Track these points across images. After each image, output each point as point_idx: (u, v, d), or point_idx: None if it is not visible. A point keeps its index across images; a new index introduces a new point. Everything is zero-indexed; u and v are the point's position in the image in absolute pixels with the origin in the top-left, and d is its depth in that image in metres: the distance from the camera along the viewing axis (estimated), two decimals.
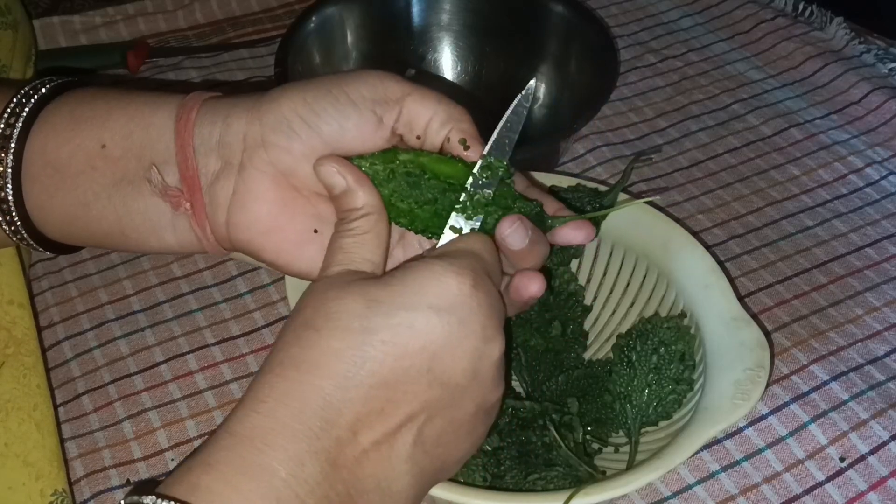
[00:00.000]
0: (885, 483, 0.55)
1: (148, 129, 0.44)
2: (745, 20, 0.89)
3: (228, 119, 0.43)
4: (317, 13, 0.74)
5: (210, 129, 0.43)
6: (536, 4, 0.76)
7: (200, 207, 0.44)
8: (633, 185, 0.72)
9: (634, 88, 0.82)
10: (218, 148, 0.43)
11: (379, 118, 0.43)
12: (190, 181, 0.43)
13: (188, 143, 0.43)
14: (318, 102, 0.42)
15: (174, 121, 0.43)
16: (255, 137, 0.42)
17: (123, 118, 0.44)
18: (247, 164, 0.43)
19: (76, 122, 0.44)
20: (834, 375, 0.59)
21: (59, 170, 0.44)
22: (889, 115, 0.78)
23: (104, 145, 0.44)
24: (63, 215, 0.45)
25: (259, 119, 0.42)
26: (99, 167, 0.44)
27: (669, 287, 0.56)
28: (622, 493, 0.45)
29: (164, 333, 0.63)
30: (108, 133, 0.44)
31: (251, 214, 0.43)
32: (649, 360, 0.52)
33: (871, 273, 0.67)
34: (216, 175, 0.43)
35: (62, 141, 0.44)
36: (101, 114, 0.44)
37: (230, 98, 0.44)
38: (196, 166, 0.43)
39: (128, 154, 0.44)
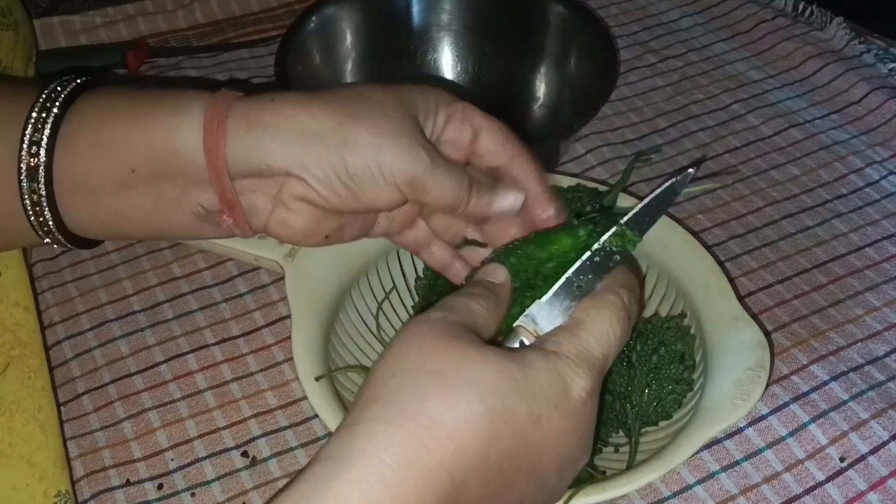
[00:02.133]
0: (885, 483, 0.55)
1: (176, 155, 0.44)
2: (745, 20, 0.89)
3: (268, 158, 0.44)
4: (317, 13, 0.74)
5: (244, 163, 0.44)
6: (536, 4, 0.76)
7: (241, 218, 0.46)
8: (634, 185, 0.72)
9: (634, 88, 0.82)
10: (256, 173, 0.44)
11: (404, 197, 0.45)
12: (229, 203, 0.45)
13: (222, 173, 0.44)
14: (359, 176, 0.44)
15: (202, 142, 0.43)
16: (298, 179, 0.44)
17: (145, 142, 0.44)
18: (285, 192, 0.45)
19: (98, 147, 0.44)
20: (834, 375, 0.59)
21: (92, 192, 0.45)
22: (889, 115, 0.78)
23: (133, 170, 0.44)
24: (105, 226, 0.47)
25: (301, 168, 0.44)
26: (133, 187, 0.45)
27: (669, 287, 0.56)
28: (622, 493, 0.45)
29: (164, 333, 0.63)
30: (133, 157, 0.44)
31: (290, 231, 0.47)
32: (649, 360, 0.52)
33: (871, 273, 0.67)
34: (254, 189, 0.45)
35: (89, 167, 0.45)
36: (121, 136, 0.44)
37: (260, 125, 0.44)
38: (234, 191, 0.45)
39: (160, 175, 0.44)
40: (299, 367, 0.50)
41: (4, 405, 0.53)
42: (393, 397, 0.36)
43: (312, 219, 0.46)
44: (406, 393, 0.36)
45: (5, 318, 0.56)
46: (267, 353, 0.62)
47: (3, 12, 0.70)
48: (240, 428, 0.58)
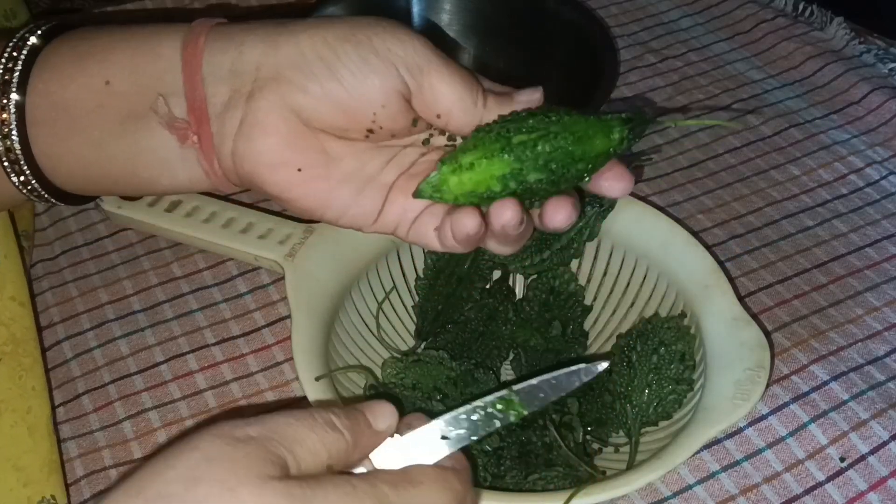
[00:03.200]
0: (885, 483, 0.55)
1: (155, 61, 0.41)
2: (745, 20, 0.89)
3: (242, 47, 0.41)
4: (317, 13, 0.74)
5: (221, 56, 0.41)
6: (536, 4, 0.76)
7: (208, 140, 0.42)
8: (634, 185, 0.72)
9: (634, 88, 0.82)
10: (229, 77, 0.41)
11: (403, 82, 0.40)
12: (198, 112, 0.41)
13: (196, 71, 0.41)
14: (342, 46, 0.40)
15: (181, 49, 0.41)
16: (270, 70, 0.40)
17: (128, 51, 0.42)
18: (256, 95, 0.41)
19: (79, 58, 0.42)
20: (834, 375, 0.59)
21: (66, 111, 0.42)
22: (889, 115, 0.78)
23: (108, 81, 0.42)
24: (74, 159, 0.44)
25: (275, 51, 0.40)
26: (106, 104, 0.42)
27: (669, 287, 0.56)
28: (622, 493, 0.45)
29: (164, 333, 0.63)
30: (112, 68, 0.42)
31: (257, 146, 0.41)
32: (649, 360, 0.52)
33: (872, 273, 0.67)
34: (225, 105, 0.41)
35: (66, 80, 0.42)
36: (103, 48, 0.42)
37: (242, 25, 0.42)
38: (204, 96, 0.41)
39: (134, 88, 0.42)
40: (299, 367, 0.50)
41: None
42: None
43: (283, 134, 0.41)
44: None
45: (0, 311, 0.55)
46: (267, 353, 0.62)
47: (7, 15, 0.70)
48: None
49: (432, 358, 0.54)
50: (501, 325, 0.57)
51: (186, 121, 0.42)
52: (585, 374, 0.40)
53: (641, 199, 0.61)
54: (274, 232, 0.59)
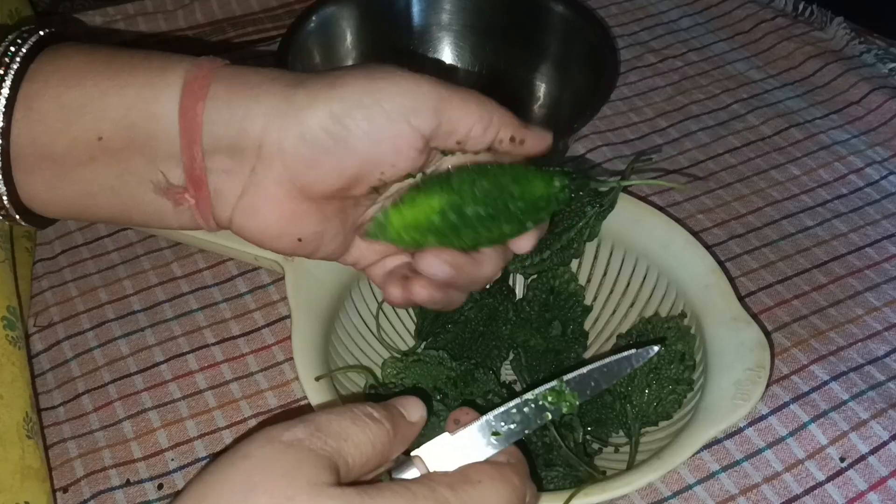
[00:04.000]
0: (885, 483, 0.55)
1: (154, 121, 0.39)
2: (745, 20, 0.89)
3: (245, 122, 0.39)
4: (317, 13, 0.74)
5: (222, 128, 0.39)
6: (536, 4, 0.76)
7: (205, 203, 0.41)
8: (634, 185, 0.72)
9: (634, 88, 0.82)
10: (229, 149, 0.40)
11: (415, 129, 0.40)
12: (196, 180, 0.40)
13: (196, 143, 0.39)
14: (350, 116, 0.39)
15: (178, 113, 0.39)
16: (273, 148, 0.39)
17: (122, 106, 0.39)
18: (260, 172, 0.40)
19: (66, 110, 0.39)
20: (834, 375, 0.59)
21: (56, 162, 0.40)
22: (889, 115, 0.78)
23: (101, 138, 0.40)
24: (66, 204, 0.42)
25: (283, 130, 0.39)
26: (100, 159, 0.40)
27: (669, 287, 0.56)
28: (622, 493, 0.45)
29: (164, 333, 0.63)
30: (104, 123, 0.39)
31: (259, 223, 0.41)
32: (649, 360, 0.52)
33: (872, 273, 0.67)
34: (225, 171, 0.40)
35: (54, 133, 0.40)
36: (94, 99, 0.39)
37: (243, 85, 0.40)
38: (204, 166, 0.40)
39: (130, 147, 0.40)
40: (299, 367, 0.50)
41: None
42: None
43: (287, 211, 0.41)
44: None
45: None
46: (267, 353, 0.62)
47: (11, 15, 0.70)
48: (240, 428, 0.58)
49: (432, 358, 0.54)
50: (501, 325, 0.57)
51: (183, 187, 0.41)
52: (636, 359, 0.41)
53: (641, 199, 0.61)
54: None
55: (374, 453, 0.35)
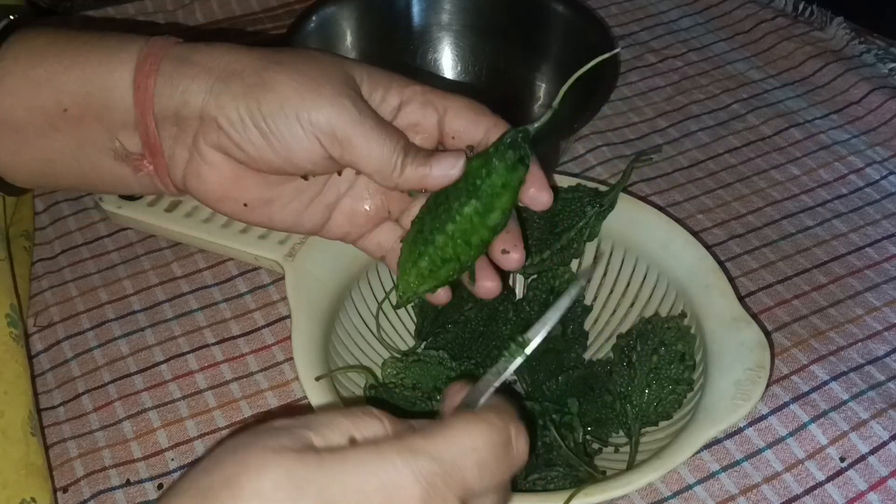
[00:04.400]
0: (885, 483, 0.55)
1: (107, 92, 0.43)
2: (745, 20, 0.89)
3: (186, 96, 0.43)
4: (317, 13, 0.74)
5: (167, 100, 0.43)
6: (536, 4, 0.76)
7: (162, 168, 0.44)
8: (634, 185, 0.72)
9: (634, 88, 0.82)
10: (174, 119, 0.43)
11: (326, 153, 0.43)
12: (152, 147, 0.44)
13: (148, 111, 0.43)
14: (272, 118, 0.42)
15: (132, 88, 0.43)
16: (210, 121, 0.42)
17: (81, 78, 0.43)
18: (199, 139, 0.43)
19: (31, 83, 0.43)
20: (834, 375, 0.59)
21: (18, 130, 0.44)
22: (889, 115, 0.78)
23: (66, 109, 0.43)
24: (28, 170, 0.46)
25: (215, 107, 0.42)
26: (60, 128, 0.44)
27: (669, 287, 0.56)
28: (622, 493, 0.45)
29: (164, 333, 0.63)
30: (66, 95, 0.43)
31: (204, 184, 0.44)
32: (649, 360, 0.52)
33: (872, 273, 0.67)
34: (174, 139, 0.44)
35: (18, 101, 0.44)
36: (57, 73, 0.43)
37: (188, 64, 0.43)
38: (157, 133, 0.43)
39: (88, 115, 0.43)
40: (299, 367, 0.50)
41: None
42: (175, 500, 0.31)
43: (227, 175, 0.44)
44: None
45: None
46: (267, 353, 0.62)
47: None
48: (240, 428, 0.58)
49: (432, 358, 0.54)
50: (501, 325, 0.57)
51: (141, 154, 0.44)
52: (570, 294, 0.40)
53: (641, 199, 0.61)
54: (274, 232, 0.59)
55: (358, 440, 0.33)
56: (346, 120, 0.42)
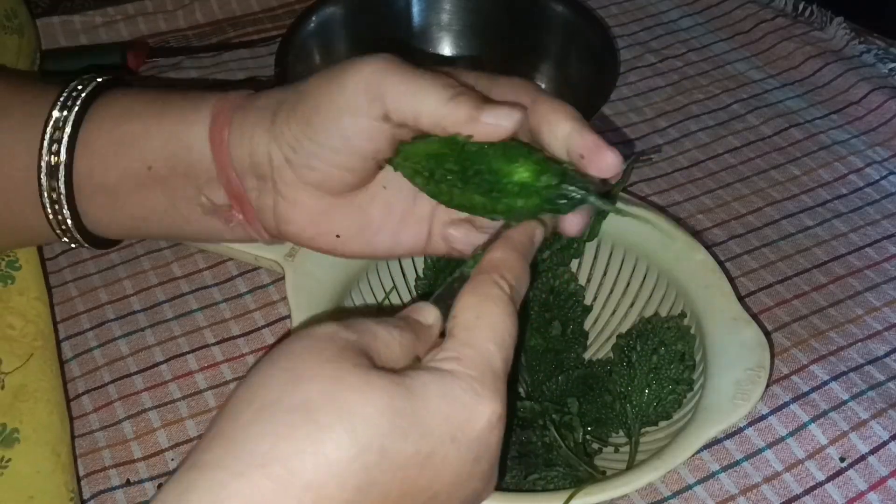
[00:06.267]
0: (885, 483, 0.55)
1: (188, 151, 0.44)
2: (745, 20, 0.89)
3: (252, 142, 0.43)
4: (317, 13, 0.74)
5: (240, 151, 0.43)
6: (536, 4, 0.76)
7: (251, 215, 0.45)
8: (634, 185, 0.72)
9: (634, 88, 0.82)
10: (251, 168, 0.43)
11: (372, 119, 0.40)
12: (237, 198, 0.44)
13: (227, 165, 0.43)
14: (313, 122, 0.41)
15: (209, 144, 0.43)
16: (279, 159, 0.42)
17: (161, 138, 0.44)
18: (278, 182, 0.43)
19: (116, 145, 0.45)
20: (834, 375, 0.59)
21: (111, 192, 0.45)
22: (889, 115, 0.78)
23: (150, 167, 0.44)
24: (121, 227, 0.47)
25: (276, 142, 0.42)
26: (150, 186, 0.45)
27: (669, 287, 0.56)
28: (622, 493, 0.45)
29: (164, 333, 0.63)
30: (150, 155, 0.44)
31: (295, 225, 0.44)
32: (649, 360, 0.52)
33: (872, 273, 0.67)
34: (257, 189, 0.44)
35: (107, 165, 0.45)
36: (138, 135, 0.44)
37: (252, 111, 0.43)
38: (240, 183, 0.44)
39: (175, 173, 0.44)
40: None
41: (28, 392, 0.54)
42: (243, 437, 0.31)
43: (313, 210, 0.44)
44: (259, 432, 0.31)
45: (27, 310, 0.57)
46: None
47: (7, 16, 0.70)
48: None
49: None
50: None
51: (228, 205, 0.45)
52: None
53: (641, 199, 0.61)
54: None
55: (401, 354, 0.36)
56: (382, 68, 0.40)
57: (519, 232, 0.40)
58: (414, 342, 0.37)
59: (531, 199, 0.40)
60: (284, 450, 0.30)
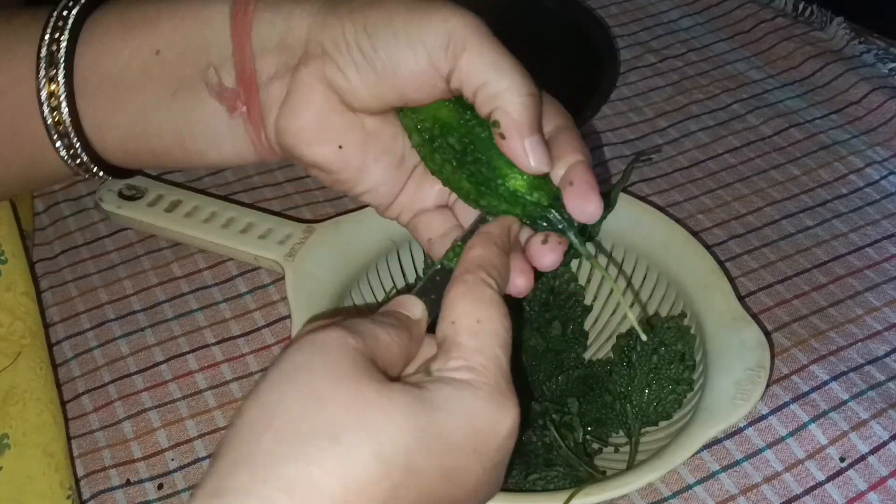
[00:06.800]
0: (885, 483, 0.55)
1: (202, 29, 0.41)
2: (745, 20, 0.89)
3: (290, 21, 0.40)
4: None
5: (269, 28, 0.40)
6: (536, 4, 0.76)
7: (256, 110, 0.42)
8: (634, 185, 0.72)
9: (634, 88, 0.82)
10: (277, 49, 0.41)
11: (435, 69, 0.39)
12: (247, 83, 0.41)
13: (246, 42, 0.40)
14: (377, 36, 0.39)
15: (229, 17, 0.41)
16: (316, 47, 0.40)
17: (175, 19, 0.42)
18: (301, 70, 0.40)
19: (126, 28, 0.42)
20: (834, 375, 0.59)
21: (115, 84, 0.42)
22: (889, 115, 0.78)
23: (158, 51, 0.41)
24: (124, 131, 0.43)
25: (321, 31, 0.40)
26: (155, 75, 0.42)
27: (669, 287, 0.56)
28: (622, 493, 0.45)
29: (164, 333, 0.63)
30: (160, 37, 0.42)
31: (300, 120, 0.41)
32: (649, 360, 0.52)
33: (871, 273, 0.67)
34: (272, 76, 0.41)
35: (114, 51, 0.42)
36: (150, 17, 0.42)
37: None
38: (254, 67, 0.41)
39: (183, 58, 0.42)
40: None
41: (17, 394, 0.53)
42: (267, 461, 0.30)
43: (325, 109, 0.41)
44: (284, 455, 0.30)
45: (15, 306, 0.56)
46: (267, 353, 0.62)
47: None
48: None
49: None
50: None
51: (236, 90, 0.41)
52: None
53: (641, 199, 0.61)
54: (274, 232, 0.59)
55: (399, 354, 0.36)
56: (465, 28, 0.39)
57: (497, 226, 0.40)
58: (408, 341, 0.37)
59: (514, 208, 0.40)
60: (313, 472, 0.30)
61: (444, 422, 0.32)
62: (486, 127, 0.40)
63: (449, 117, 0.40)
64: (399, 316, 0.37)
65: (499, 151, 0.39)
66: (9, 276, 0.57)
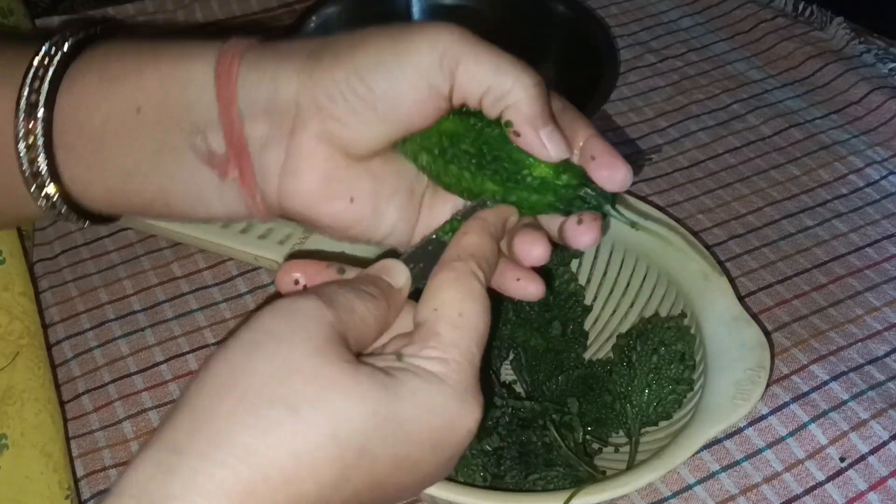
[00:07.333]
0: (885, 483, 0.55)
1: (185, 89, 0.39)
2: (745, 20, 0.89)
3: (277, 82, 0.38)
4: (317, 13, 0.74)
5: (256, 90, 0.39)
6: (536, 4, 0.76)
7: (249, 174, 0.40)
8: (634, 185, 0.72)
9: (634, 88, 0.82)
10: (266, 113, 0.39)
11: (436, 91, 0.38)
12: (237, 146, 0.39)
13: (232, 106, 0.38)
14: (371, 76, 0.38)
15: (214, 78, 0.39)
16: (309, 105, 0.38)
17: (157, 76, 0.40)
18: (300, 132, 0.39)
19: (106, 82, 0.40)
20: (834, 375, 0.59)
21: (93, 139, 0.40)
22: (889, 115, 0.78)
23: (139, 108, 0.40)
24: (104, 186, 0.42)
25: (312, 85, 0.38)
26: (136, 134, 0.40)
27: (669, 287, 0.56)
28: (622, 493, 0.45)
29: (164, 333, 0.63)
30: (142, 94, 0.40)
31: (305, 184, 0.39)
32: (649, 360, 0.52)
33: (871, 273, 0.67)
34: (265, 140, 0.39)
35: (93, 106, 0.40)
36: (131, 71, 0.40)
37: (273, 50, 0.40)
38: (243, 130, 0.39)
39: (166, 118, 0.40)
40: None
41: (15, 394, 0.53)
42: (226, 427, 0.31)
43: (330, 166, 0.39)
44: (243, 423, 0.31)
45: (13, 306, 0.56)
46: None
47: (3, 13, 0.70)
48: None
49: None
50: (501, 325, 0.57)
51: (226, 156, 0.40)
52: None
53: (641, 199, 0.61)
54: (274, 232, 0.59)
55: (375, 327, 0.36)
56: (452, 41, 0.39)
57: (495, 214, 0.39)
58: (386, 311, 0.36)
59: (547, 196, 0.39)
60: (267, 443, 0.31)
61: (406, 414, 0.33)
62: (495, 125, 0.39)
63: (455, 127, 0.40)
64: (381, 284, 0.37)
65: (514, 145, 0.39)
66: (7, 276, 0.57)
